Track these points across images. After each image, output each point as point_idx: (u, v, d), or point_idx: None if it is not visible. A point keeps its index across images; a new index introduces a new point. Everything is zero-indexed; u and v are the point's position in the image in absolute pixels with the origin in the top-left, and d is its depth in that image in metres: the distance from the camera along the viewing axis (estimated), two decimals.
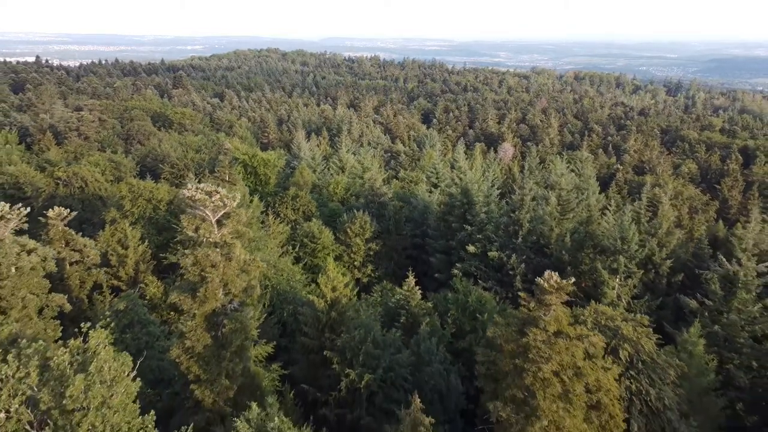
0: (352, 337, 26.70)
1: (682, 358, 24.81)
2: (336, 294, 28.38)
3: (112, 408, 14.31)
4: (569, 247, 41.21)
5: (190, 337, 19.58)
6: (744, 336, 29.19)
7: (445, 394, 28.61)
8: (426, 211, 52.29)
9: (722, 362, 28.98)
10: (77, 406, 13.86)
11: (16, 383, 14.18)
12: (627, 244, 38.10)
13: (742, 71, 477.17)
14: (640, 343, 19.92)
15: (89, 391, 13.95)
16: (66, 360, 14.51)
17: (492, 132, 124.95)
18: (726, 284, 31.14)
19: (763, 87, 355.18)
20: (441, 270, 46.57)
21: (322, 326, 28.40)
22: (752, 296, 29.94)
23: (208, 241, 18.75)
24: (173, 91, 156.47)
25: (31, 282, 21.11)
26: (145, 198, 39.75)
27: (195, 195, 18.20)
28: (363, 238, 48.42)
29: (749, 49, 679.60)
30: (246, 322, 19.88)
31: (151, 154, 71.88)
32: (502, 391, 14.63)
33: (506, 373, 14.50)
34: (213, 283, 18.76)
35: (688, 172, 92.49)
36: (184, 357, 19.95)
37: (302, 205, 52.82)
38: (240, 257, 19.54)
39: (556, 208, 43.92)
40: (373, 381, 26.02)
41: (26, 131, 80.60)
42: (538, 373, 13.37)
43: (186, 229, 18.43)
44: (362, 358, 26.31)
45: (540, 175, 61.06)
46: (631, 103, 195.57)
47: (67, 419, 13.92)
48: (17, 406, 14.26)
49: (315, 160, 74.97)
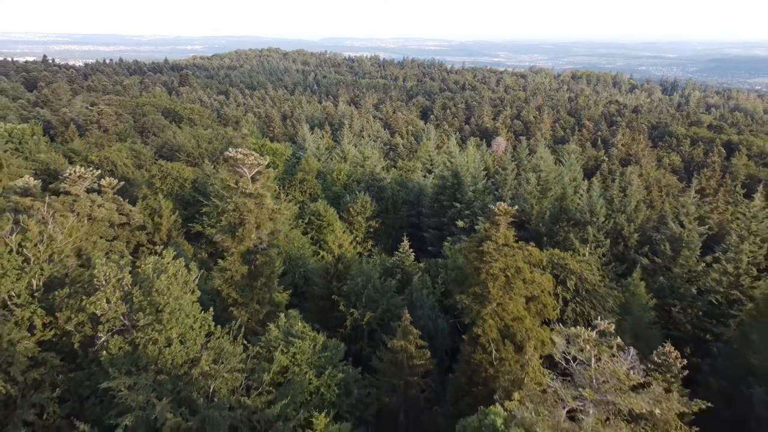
0: (356, 283, 32.19)
1: (627, 297, 30.32)
2: (342, 250, 33.92)
3: (184, 301, 19.77)
4: (546, 221, 46.62)
5: (230, 268, 25.04)
6: (685, 286, 34.62)
7: (434, 335, 33.99)
8: (421, 193, 57.73)
9: (666, 308, 34.45)
10: (161, 298, 19.31)
11: (116, 283, 19.64)
12: (595, 216, 43.47)
13: (741, 71, 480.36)
14: (584, 275, 25.31)
15: (169, 287, 19.41)
16: (150, 267, 19.97)
17: (487, 127, 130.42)
18: (674, 245, 36.57)
19: (761, 86, 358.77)
20: (434, 244, 52.00)
21: (330, 277, 33.92)
22: (694, 254, 35.33)
23: (245, 192, 24.18)
24: (180, 88, 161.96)
25: (101, 229, 26.57)
26: (172, 177, 45.21)
27: (235, 155, 23.64)
28: (364, 217, 53.83)
29: (749, 49, 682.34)
30: (273, 258, 25.34)
31: (167, 144, 77.35)
32: (466, 288, 20.06)
33: (468, 274, 19.90)
34: (249, 225, 24.19)
35: (671, 163, 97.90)
36: (225, 285, 25.41)
37: (309, 188, 58.28)
38: (269, 206, 24.98)
39: (536, 188, 49.33)
40: (373, 319, 31.49)
41: (48, 124, 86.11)
42: (490, 270, 18.73)
43: (228, 181, 23.88)
44: (364, 301, 31.79)
45: (528, 164, 66.51)
46: (626, 102, 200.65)
47: (154, 307, 19.38)
48: (115, 300, 19.72)
49: (319, 150, 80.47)
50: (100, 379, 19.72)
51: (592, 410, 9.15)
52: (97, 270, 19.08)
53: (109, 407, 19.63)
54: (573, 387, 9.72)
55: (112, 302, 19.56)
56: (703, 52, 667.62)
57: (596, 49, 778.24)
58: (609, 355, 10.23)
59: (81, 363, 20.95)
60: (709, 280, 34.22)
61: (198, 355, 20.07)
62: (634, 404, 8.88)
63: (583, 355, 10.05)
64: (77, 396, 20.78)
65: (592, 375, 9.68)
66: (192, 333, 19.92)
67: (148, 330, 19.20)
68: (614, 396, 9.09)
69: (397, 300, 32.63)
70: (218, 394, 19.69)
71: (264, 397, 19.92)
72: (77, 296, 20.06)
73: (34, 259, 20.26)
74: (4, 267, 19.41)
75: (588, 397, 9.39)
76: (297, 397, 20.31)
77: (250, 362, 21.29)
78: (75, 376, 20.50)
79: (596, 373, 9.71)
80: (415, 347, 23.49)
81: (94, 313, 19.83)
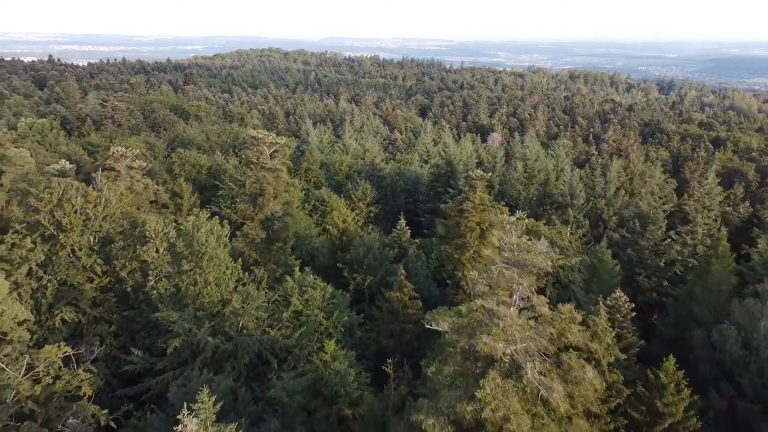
0: (358, 252, 36.56)
1: (595, 262, 34.67)
2: (345, 225, 38.29)
3: (218, 251, 24.13)
4: (532, 204, 50.98)
5: (251, 233, 29.38)
6: (652, 258, 38.97)
7: (427, 300, 38.28)
8: (417, 181, 62.09)
9: (635, 277, 38.80)
10: (201, 248, 23.66)
11: (163, 236, 24.00)
12: (575, 199, 47.82)
13: (741, 71, 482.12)
14: (554, 238, 29.66)
15: (207, 239, 23.77)
16: (191, 224, 24.33)
17: (483, 124, 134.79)
18: (642, 221, 40.91)
19: (760, 86, 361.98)
20: (429, 228, 56.32)
21: (335, 248, 38.33)
22: (660, 229, 39.65)
23: (265, 166, 28.52)
24: (186, 87, 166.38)
25: (140, 200, 30.93)
26: (190, 164, 49.55)
27: (257, 135, 28.00)
28: (365, 202, 58.14)
29: (748, 49, 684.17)
30: (288, 224, 29.70)
31: (178, 138, 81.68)
32: (449, 240, 24.32)
33: (451, 228, 24.15)
34: (268, 195, 28.55)
35: (657, 157, 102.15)
36: (246, 248, 29.77)
37: (313, 176, 62.63)
38: (284, 179, 29.34)
39: (523, 175, 53.70)
40: (374, 283, 35.84)
41: (64, 120, 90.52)
42: (468, 224, 22.97)
43: (251, 157, 28.23)
44: (365, 267, 36.15)
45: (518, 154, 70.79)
46: (622, 101, 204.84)
47: (194, 255, 23.72)
48: (162, 250, 24.08)
49: (322, 143, 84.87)
50: (149, 316, 24.07)
51: (513, 269, 13.44)
52: (147, 225, 23.44)
53: (157, 338, 24.01)
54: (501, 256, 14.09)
55: (160, 252, 23.94)
56: (703, 52, 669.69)
57: (596, 49, 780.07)
58: (527, 238, 14.56)
59: (132, 304, 25.32)
60: (672, 251, 38.60)
61: (229, 296, 24.43)
62: (534, 260, 13.22)
63: (510, 237, 14.42)
64: (129, 332, 25.15)
65: (513, 246, 13.99)
66: (225, 278, 24.29)
67: (189, 274, 23.56)
68: (524, 256, 13.41)
69: (395, 267, 36.94)
70: (246, 328, 24.05)
71: (283, 330, 24.30)
72: (130, 248, 24.43)
73: (93, 218, 24.57)
74: (72, 223, 23.74)
75: (510, 258, 13.68)
76: (311, 332, 24.68)
77: (270, 306, 25.68)
78: (128, 314, 24.87)
79: (516, 245, 14.11)
80: (408, 298, 27.83)
81: (145, 261, 24.21)
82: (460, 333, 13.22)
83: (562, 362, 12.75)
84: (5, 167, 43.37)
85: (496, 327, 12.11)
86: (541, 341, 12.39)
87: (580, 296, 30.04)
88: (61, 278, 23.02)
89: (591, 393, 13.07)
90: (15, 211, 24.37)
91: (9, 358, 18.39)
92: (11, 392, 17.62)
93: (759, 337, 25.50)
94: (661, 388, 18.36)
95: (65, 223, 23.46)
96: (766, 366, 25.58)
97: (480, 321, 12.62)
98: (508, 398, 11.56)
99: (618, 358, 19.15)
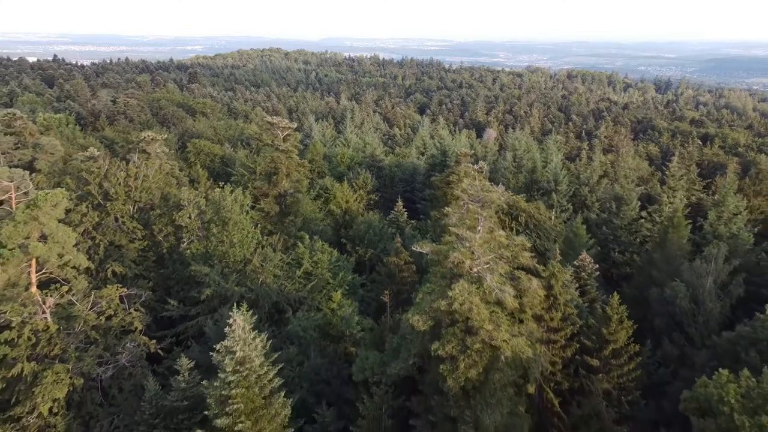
0: (360, 229, 40.78)
1: (571, 236, 38.90)
2: (348, 205, 42.47)
3: (241, 217, 28.35)
4: (520, 190, 55.15)
5: (266, 207, 33.57)
6: (624, 234, 43.22)
7: (420, 268, 42.47)
8: (415, 171, 66.32)
9: (609, 253, 43.03)
10: (227, 214, 27.85)
11: (195, 204, 28.20)
12: (559, 185, 52.01)
13: (740, 71, 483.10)
14: (532, 212, 33.89)
15: (232, 206, 27.96)
16: (218, 194, 28.54)
17: (480, 121, 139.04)
18: (618, 202, 45.15)
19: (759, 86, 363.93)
20: (425, 214, 60.44)
21: (339, 226, 42.51)
22: (632, 209, 43.86)
23: (279, 148, 32.70)
24: (191, 85, 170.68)
25: (168, 180, 35.17)
26: (204, 153, 53.73)
27: (271, 120, 32.18)
28: (365, 190, 62.37)
29: (748, 49, 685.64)
30: (299, 199, 33.89)
31: (188, 132, 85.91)
32: (437, 207, 28.49)
33: (438, 197, 28.34)
34: (281, 173, 32.74)
35: (646, 152, 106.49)
36: (262, 220, 33.95)
37: (317, 167, 66.84)
38: (296, 160, 33.53)
39: (512, 164, 57.89)
40: (374, 256, 40.05)
41: (78, 115, 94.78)
42: (453, 192, 27.15)
43: (266, 140, 32.41)
44: (366, 242, 40.36)
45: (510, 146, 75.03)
46: (618, 100, 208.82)
47: (221, 220, 27.93)
48: (194, 216, 28.29)
49: (325, 137, 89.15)
50: (182, 273, 28.29)
51: (476, 204, 17.63)
52: (182, 194, 27.66)
53: (189, 291, 28.23)
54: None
55: (192, 217, 28.16)
56: (702, 52, 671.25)
57: (595, 50, 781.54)
58: (489, 184, 18.83)
59: (167, 264, 29.55)
60: (644, 229, 42.90)
61: (251, 256, 28.64)
62: (492, 197, 17.46)
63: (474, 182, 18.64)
64: (164, 287, 29.36)
65: (477, 187, 18.23)
66: (247, 240, 28.52)
67: (217, 236, 27.78)
68: (484, 194, 17.64)
69: (393, 243, 41.12)
70: (265, 283, 28.26)
71: (296, 285, 28.53)
72: (166, 215, 28.65)
73: (134, 189, 28.76)
74: (117, 193, 27.96)
75: (474, 195, 17.88)
76: (320, 287, 28.91)
77: (285, 266, 29.90)
78: (163, 272, 29.09)
79: (479, 187, 18.38)
80: (404, 263, 32.02)
81: (178, 226, 28.43)
82: (437, 254, 17.40)
83: (515, 276, 16.90)
84: (38, 155, 47.74)
85: (463, 247, 16.24)
86: (499, 261, 16.54)
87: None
88: (109, 239, 27.21)
89: (537, 301, 17.21)
90: (69, 183, 28.56)
91: (77, 297, 22.59)
92: (81, 321, 21.84)
93: (705, 293, 29.74)
94: (607, 319, 22.47)
95: (112, 193, 27.68)
96: (710, 318, 29.90)
97: (452, 244, 16.76)
98: (472, 296, 15.63)
99: (573, 298, 23.34)
